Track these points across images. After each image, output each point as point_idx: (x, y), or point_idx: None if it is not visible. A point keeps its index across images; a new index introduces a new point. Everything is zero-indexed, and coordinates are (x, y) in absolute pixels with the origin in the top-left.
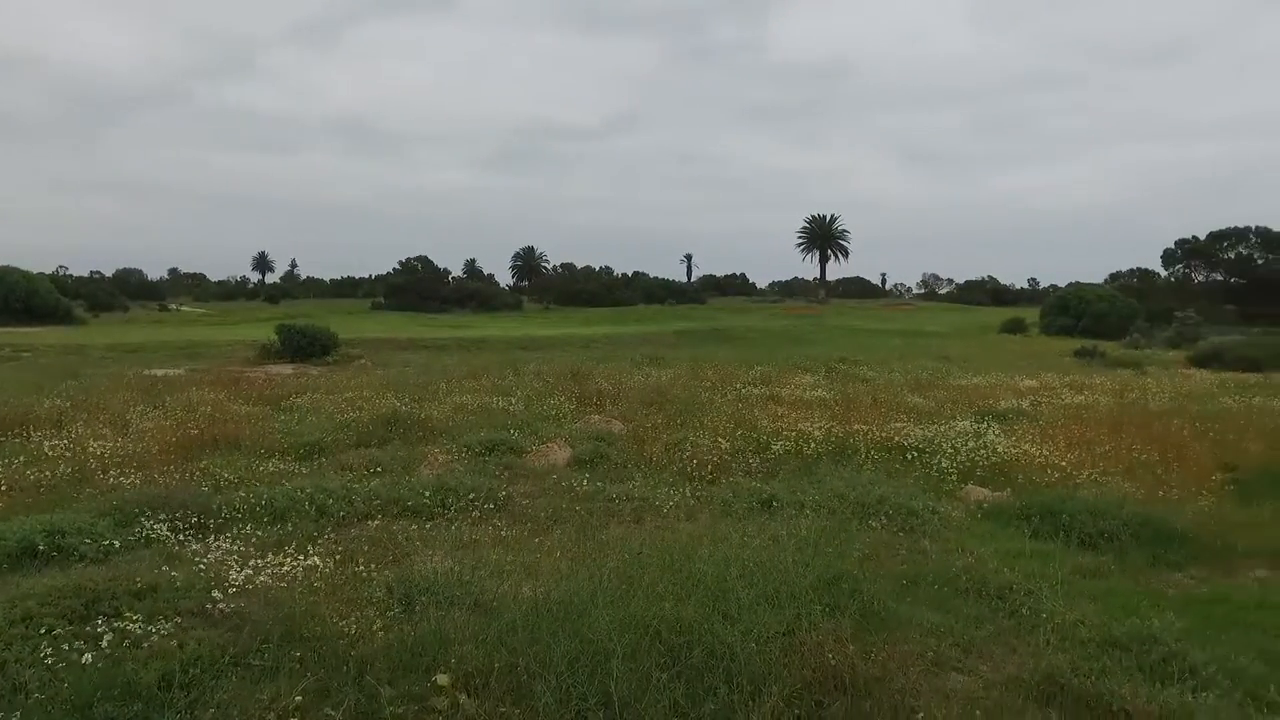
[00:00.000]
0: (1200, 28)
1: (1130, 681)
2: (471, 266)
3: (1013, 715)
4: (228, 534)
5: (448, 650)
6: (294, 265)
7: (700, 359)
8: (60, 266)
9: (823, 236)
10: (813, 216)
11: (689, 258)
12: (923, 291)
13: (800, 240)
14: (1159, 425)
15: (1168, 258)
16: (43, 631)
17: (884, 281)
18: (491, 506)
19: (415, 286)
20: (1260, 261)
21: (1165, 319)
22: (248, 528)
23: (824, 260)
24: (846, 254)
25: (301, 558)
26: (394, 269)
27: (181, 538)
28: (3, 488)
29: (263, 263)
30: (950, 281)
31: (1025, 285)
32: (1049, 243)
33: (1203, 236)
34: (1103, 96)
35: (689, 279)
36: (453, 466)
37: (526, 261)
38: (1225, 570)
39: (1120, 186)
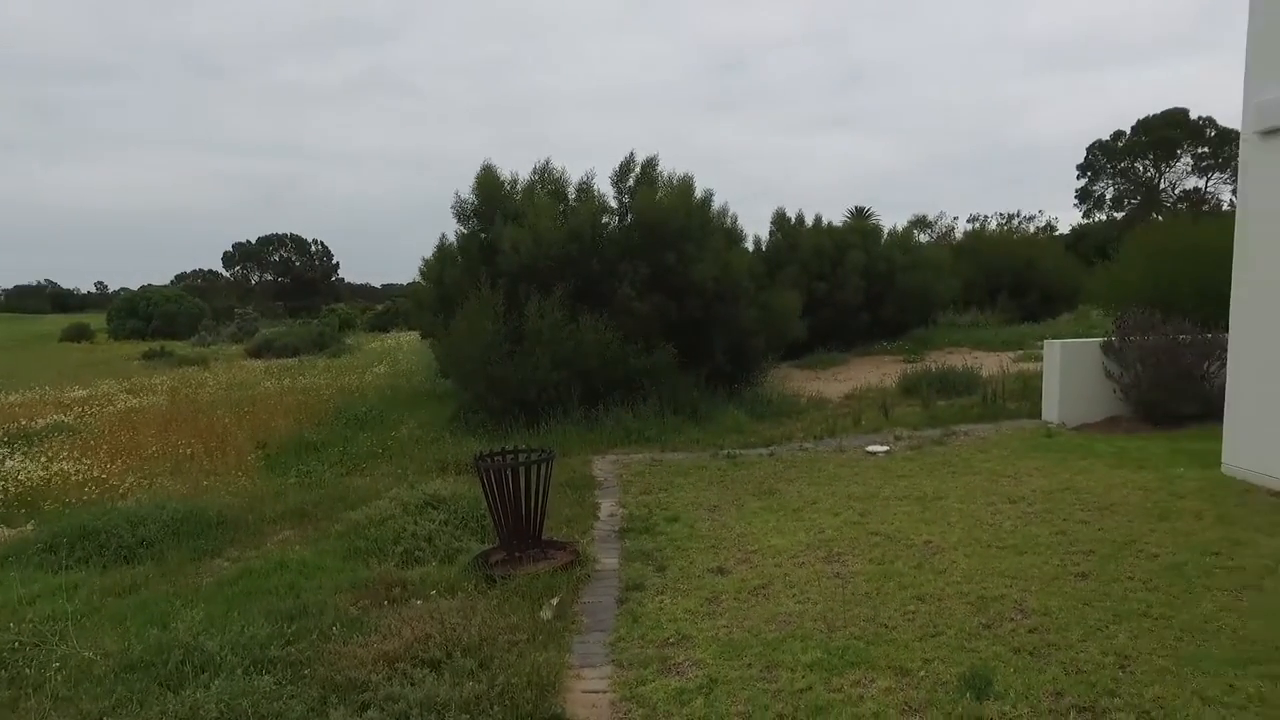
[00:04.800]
0: (231, 52)
1: (147, 699)
2: None
3: None
4: None
5: None
6: None
7: None
8: None
9: None
10: None
11: None
12: None
13: None
14: (207, 417)
15: (228, 259)
16: None
17: None
18: None
19: None
20: (297, 263)
21: (229, 315)
22: None
23: None
24: None
25: None
26: None
27: None
28: None
29: None
30: None
31: (94, 289)
32: (118, 244)
33: (254, 241)
34: (165, 97)
35: None
36: None
37: None
38: (257, 542)
39: (185, 190)
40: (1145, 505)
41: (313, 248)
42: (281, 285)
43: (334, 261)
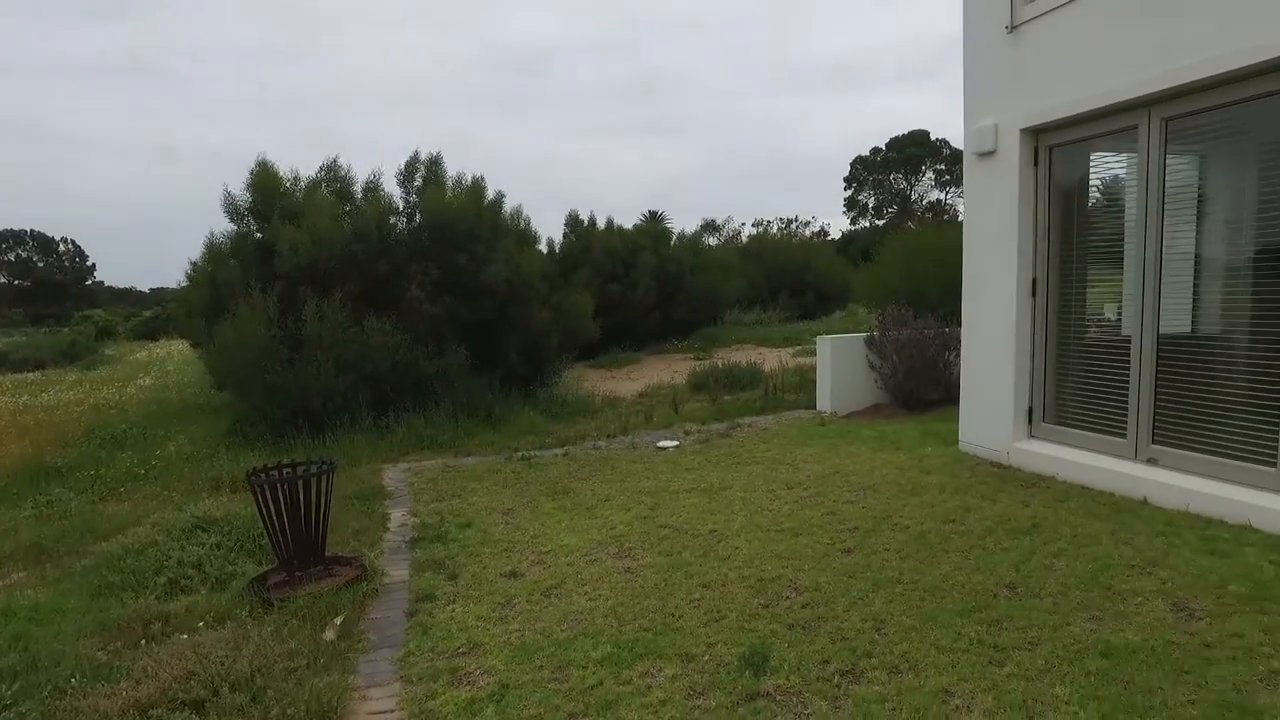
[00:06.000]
0: None
1: None
2: None
3: None
4: None
5: None
6: None
7: None
8: None
9: None
10: None
11: None
12: None
13: None
14: None
15: None
16: None
17: None
18: None
19: None
20: (40, 264)
21: None
22: None
23: None
24: None
25: None
26: None
27: None
28: None
29: None
30: None
31: None
32: None
33: None
34: None
35: None
36: None
37: None
38: None
39: None
40: (900, 482)
41: (60, 246)
42: (20, 289)
43: (89, 263)
